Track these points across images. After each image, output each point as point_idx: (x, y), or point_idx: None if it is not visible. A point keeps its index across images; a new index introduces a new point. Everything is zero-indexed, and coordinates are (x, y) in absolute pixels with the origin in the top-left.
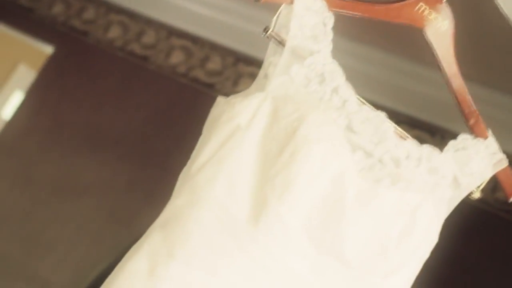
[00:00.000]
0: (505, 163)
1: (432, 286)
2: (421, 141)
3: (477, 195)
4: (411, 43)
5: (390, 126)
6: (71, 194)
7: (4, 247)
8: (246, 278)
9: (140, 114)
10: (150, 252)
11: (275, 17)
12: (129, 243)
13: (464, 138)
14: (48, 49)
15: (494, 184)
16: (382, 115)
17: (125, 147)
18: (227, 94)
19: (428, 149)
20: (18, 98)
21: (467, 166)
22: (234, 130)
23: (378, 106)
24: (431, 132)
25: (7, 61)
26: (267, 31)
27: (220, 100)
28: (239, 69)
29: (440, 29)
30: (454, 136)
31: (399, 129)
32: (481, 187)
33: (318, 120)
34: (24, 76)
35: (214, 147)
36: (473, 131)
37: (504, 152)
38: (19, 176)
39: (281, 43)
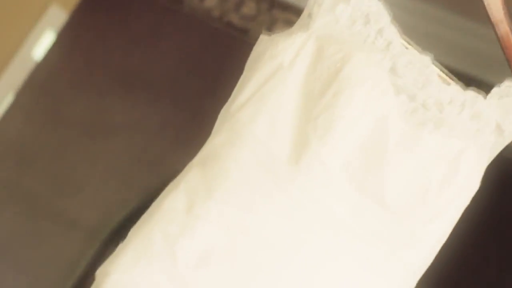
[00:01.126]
0: None
1: (469, 236)
2: None
3: None
4: None
5: (434, 70)
6: (101, 134)
7: (32, 186)
8: (284, 218)
9: (173, 56)
10: (188, 189)
11: None
12: (157, 185)
13: (508, 86)
14: None
15: None
16: (426, 58)
17: (157, 89)
18: None
19: (471, 95)
20: (49, 38)
21: (511, 113)
22: (277, 69)
23: None
24: (467, 83)
25: (39, 1)
26: None
27: (263, 38)
28: (274, 14)
29: None
30: (490, 87)
31: (443, 73)
32: None
33: (362, 61)
34: (56, 17)
35: (256, 85)
36: None
37: None
38: (50, 116)
39: None
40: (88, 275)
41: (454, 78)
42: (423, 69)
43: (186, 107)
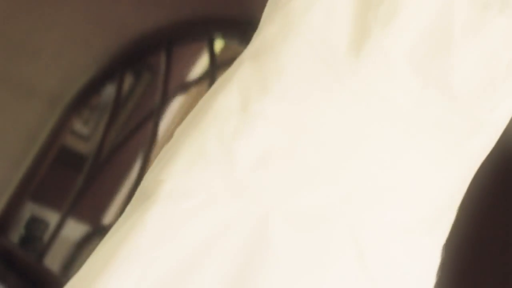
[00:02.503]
0: None
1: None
2: None
3: None
4: None
5: None
6: None
7: None
8: (345, 113)
9: None
10: (241, 86)
11: None
12: (118, 48)
13: None
14: None
15: None
16: None
17: None
18: None
19: None
20: None
21: None
22: None
23: None
24: None
25: None
26: None
27: None
28: None
29: None
30: None
31: None
32: None
33: None
34: None
35: None
36: None
37: None
38: None
39: None
40: (51, 144)
41: None
42: None
43: None
